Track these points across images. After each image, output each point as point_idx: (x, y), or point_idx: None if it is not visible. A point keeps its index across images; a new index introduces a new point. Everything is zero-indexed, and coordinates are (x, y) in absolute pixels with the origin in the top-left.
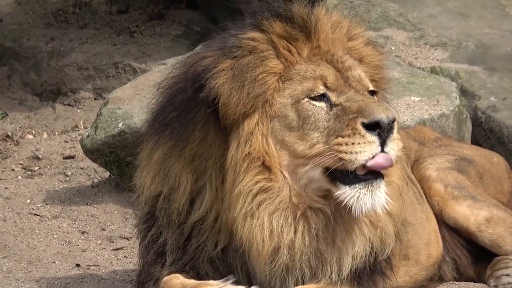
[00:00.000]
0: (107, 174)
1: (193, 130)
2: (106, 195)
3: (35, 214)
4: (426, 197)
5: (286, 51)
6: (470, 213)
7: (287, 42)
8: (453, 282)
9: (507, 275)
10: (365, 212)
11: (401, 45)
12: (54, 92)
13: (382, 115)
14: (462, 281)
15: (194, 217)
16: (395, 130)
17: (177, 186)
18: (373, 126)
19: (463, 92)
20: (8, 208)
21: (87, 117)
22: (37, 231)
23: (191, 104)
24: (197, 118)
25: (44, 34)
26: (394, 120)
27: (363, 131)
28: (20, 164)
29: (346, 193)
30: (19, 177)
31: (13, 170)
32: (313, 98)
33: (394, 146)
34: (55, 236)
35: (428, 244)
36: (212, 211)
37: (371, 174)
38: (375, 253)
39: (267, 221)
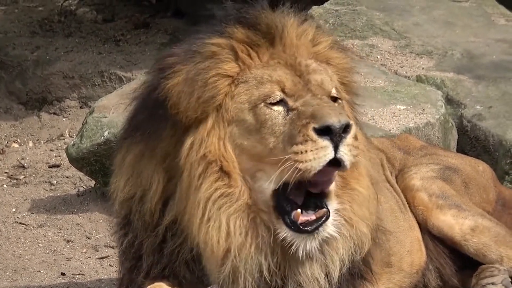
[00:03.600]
0: (92, 182)
1: (163, 129)
2: (92, 204)
3: (20, 223)
4: (410, 207)
5: (245, 54)
6: (455, 222)
7: (248, 47)
8: None
9: (493, 283)
10: (313, 255)
11: (387, 53)
12: (40, 101)
13: (333, 119)
14: None
15: (167, 218)
16: (349, 135)
17: (149, 186)
18: (325, 131)
19: (449, 100)
20: None
21: (72, 126)
22: (22, 240)
23: (157, 102)
24: (164, 116)
25: (30, 42)
26: (347, 125)
27: (314, 136)
28: (6, 172)
29: (290, 236)
30: (5, 185)
31: None
32: (270, 103)
33: (347, 151)
34: (40, 245)
35: (410, 252)
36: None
37: (314, 223)
38: (353, 256)
39: (225, 223)
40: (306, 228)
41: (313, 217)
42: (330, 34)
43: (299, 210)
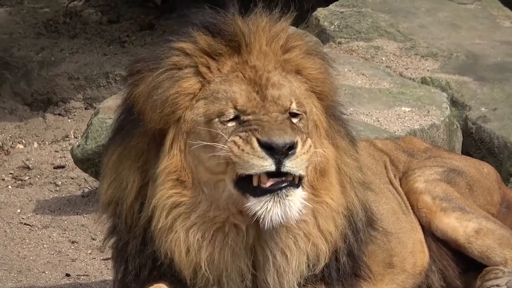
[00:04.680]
0: (97, 184)
1: (135, 128)
2: (97, 205)
3: (25, 224)
4: (414, 209)
5: (205, 68)
6: (459, 225)
7: (209, 57)
8: None
9: (497, 285)
10: (276, 224)
11: (392, 55)
12: (45, 102)
13: (277, 138)
14: None
15: (143, 216)
16: (297, 151)
17: (126, 186)
18: (267, 147)
19: (454, 102)
20: None
21: (77, 127)
22: (27, 241)
23: (130, 107)
24: (136, 120)
25: (35, 44)
26: (291, 145)
27: (255, 143)
28: (11, 173)
29: (255, 204)
30: (9, 186)
31: (3, 179)
32: (224, 119)
33: (296, 164)
34: (45, 245)
35: (413, 253)
36: None
37: (279, 184)
38: (308, 269)
39: (183, 236)
40: (270, 188)
41: (281, 179)
42: (303, 38)
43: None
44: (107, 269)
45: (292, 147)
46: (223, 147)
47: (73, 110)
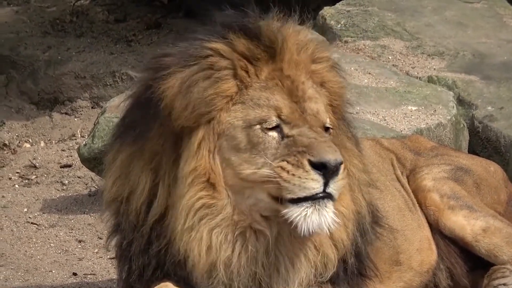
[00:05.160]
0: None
1: (151, 128)
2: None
3: (32, 223)
4: (421, 207)
5: (243, 71)
6: (467, 223)
7: (248, 61)
8: None
9: (504, 284)
10: (312, 232)
11: (398, 54)
12: (51, 101)
13: (330, 157)
14: None
15: (151, 218)
16: (340, 172)
17: (136, 187)
18: (319, 167)
19: (460, 101)
20: (5, 216)
21: (84, 126)
22: (34, 240)
23: (150, 101)
24: (154, 116)
25: (41, 42)
26: (341, 163)
27: (308, 166)
28: (17, 172)
29: (293, 211)
30: (16, 185)
31: (10, 178)
32: (266, 127)
33: (337, 187)
34: (52, 244)
35: (420, 250)
36: (169, 211)
37: (319, 193)
38: (317, 276)
39: (206, 236)
40: (310, 196)
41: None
42: (329, 50)
43: None
44: (114, 268)
45: (339, 166)
46: (267, 166)
47: (79, 109)
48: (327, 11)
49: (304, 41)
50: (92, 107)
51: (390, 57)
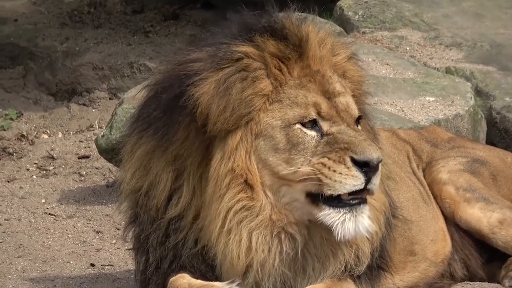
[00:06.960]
0: None
1: (176, 131)
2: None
3: (49, 214)
4: (437, 200)
5: (277, 70)
6: (483, 215)
7: (279, 61)
8: (468, 282)
9: None
10: (348, 238)
11: (416, 45)
12: (69, 92)
13: (373, 155)
14: (472, 280)
15: (170, 213)
16: (380, 168)
17: (157, 183)
18: (361, 164)
19: (478, 92)
20: (23, 207)
21: (102, 117)
22: (51, 231)
23: (175, 105)
24: (180, 120)
25: (59, 34)
26: (381, 161)
27: (349, 163)
28: (35, 163)
29: (331, 215)
30: (34, 176)
31: (28, 169)
32: (305, 125)
33: (377, 182)
34: (69, 235)
35: (434, 241)
36: (191, 208)
37: (356, 199)
38: (349, 271)
39: (246, 238)
40: (348, 202)
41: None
42: (346, 44)
43: None
44: (132, 259)
45: (379, 163)
46: (306, 164)
47: (97, 100)
48: (344, 2)
49: (323, 37)
50: (109, 98)
51: (407, 48)
